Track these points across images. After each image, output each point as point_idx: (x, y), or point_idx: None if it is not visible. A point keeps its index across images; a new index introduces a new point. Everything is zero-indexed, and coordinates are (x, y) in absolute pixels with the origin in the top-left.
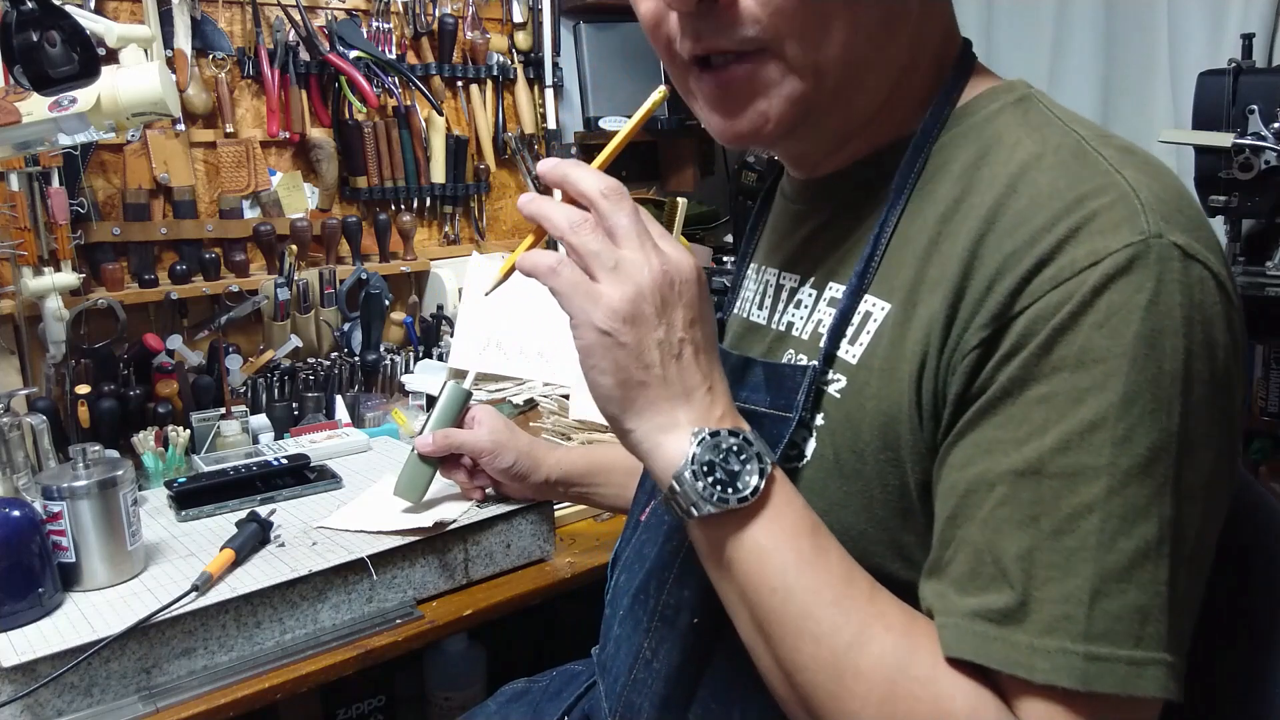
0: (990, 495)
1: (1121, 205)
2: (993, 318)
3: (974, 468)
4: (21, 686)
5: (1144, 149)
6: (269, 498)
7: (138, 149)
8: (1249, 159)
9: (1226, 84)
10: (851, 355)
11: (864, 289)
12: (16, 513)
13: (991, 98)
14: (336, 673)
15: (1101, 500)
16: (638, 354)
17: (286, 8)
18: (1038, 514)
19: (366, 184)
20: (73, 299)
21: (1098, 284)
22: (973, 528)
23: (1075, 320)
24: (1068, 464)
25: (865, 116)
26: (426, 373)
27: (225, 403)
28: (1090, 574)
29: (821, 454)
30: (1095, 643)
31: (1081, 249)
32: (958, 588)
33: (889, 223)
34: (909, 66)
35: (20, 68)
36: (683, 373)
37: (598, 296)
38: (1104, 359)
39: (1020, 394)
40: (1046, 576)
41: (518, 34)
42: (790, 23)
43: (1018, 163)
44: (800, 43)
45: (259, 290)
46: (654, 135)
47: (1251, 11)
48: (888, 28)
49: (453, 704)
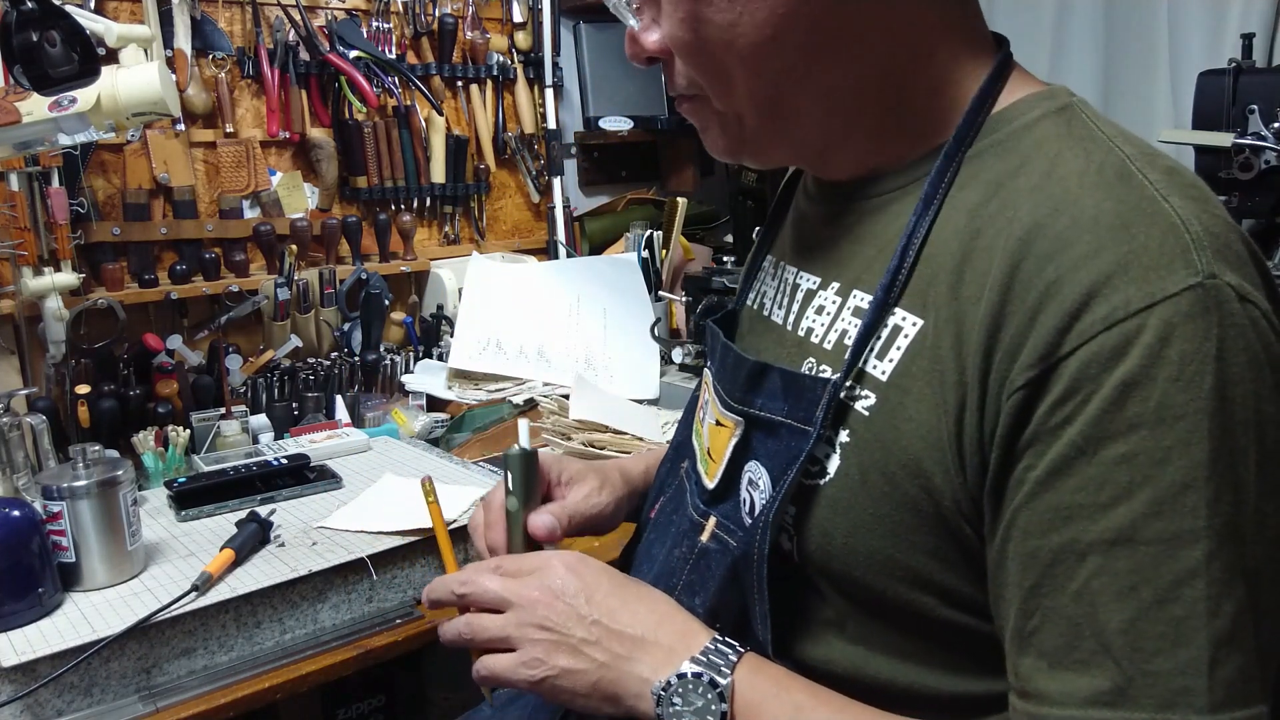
0: (1082, 566)
1: (1171, 238)
2: (1040, 356)
3: (1057, 535)
4: (21, 686)
5: (1189, 170)
6: (269, 498)
7: (138, 149)
8: (1249, 159)
9: (1226, 84)
10: (881, 371)
11: (891, 301)
12: (16, 513)
13: (1031, 105)
14: (336, 673)
15: (1203, 564)
16: (576, 659)
17: (286, 8)
18: (1137, 584)
19: (366, 184)
20: (73, 299)
21: (1163, 331)
22: (1063, 599)
23: (1148, 373)
24: (1163, 529)
25: (828, 139)
26: (426, 373)
27: (225, 403)
28: (1204, 642)
29: (847, 473)
30: (1218, 712)
31: (1134, 288)
32: (1052, 663)
33: (918, 233)
34: (885, 84)
35: (20, 68)
36: (612, 647)
37: (530, 656)
38: (1184, 415)
39: (1096, 453)
40: (1156, 649)
41: (518, 34)
42: (703, 76)
43: (1058, 179)
44: (714, 94)
45: (259, 290)
46: (654, 135)
47: (1251, 11)
48: (799, 69)
49: (453, 704)
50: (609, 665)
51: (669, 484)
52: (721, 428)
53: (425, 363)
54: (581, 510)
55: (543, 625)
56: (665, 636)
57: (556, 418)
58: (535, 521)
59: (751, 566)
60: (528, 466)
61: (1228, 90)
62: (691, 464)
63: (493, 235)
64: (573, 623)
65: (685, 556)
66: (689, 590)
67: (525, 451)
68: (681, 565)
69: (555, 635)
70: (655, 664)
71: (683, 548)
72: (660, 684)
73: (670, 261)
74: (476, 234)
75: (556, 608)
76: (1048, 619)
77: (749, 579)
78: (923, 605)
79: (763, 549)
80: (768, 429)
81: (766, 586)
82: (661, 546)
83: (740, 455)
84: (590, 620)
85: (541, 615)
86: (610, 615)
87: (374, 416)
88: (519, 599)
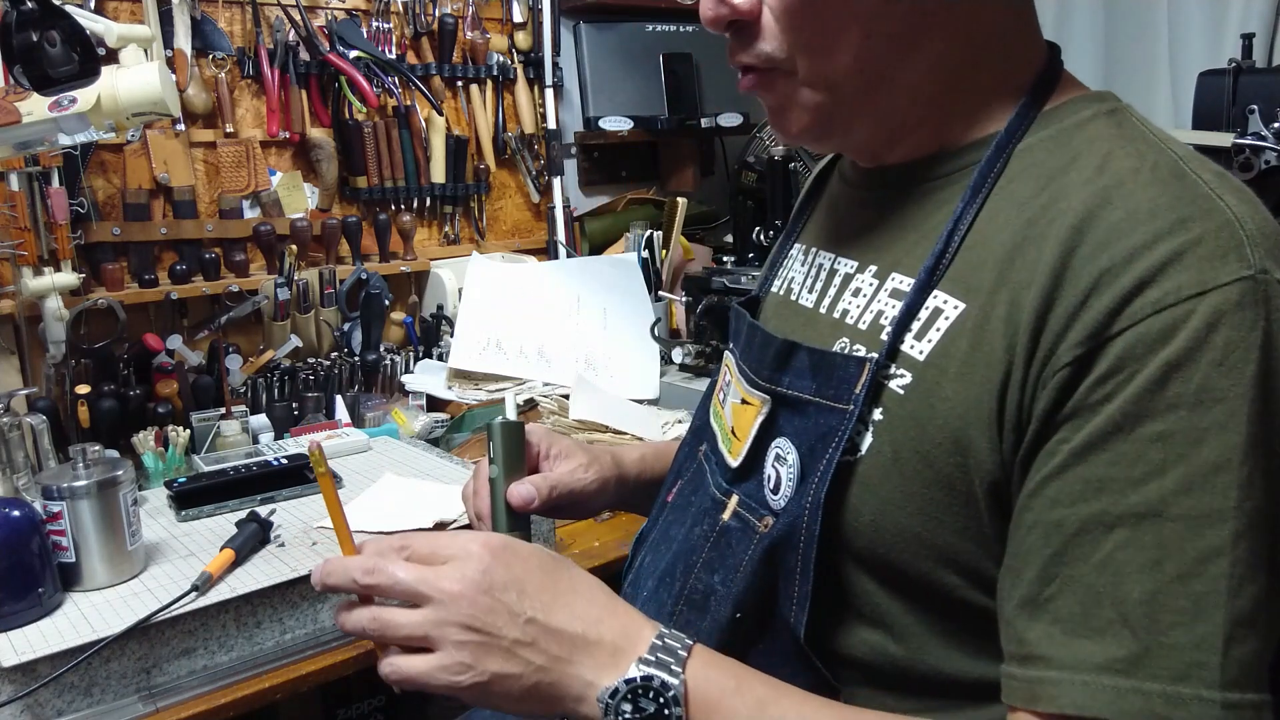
0: (1109, 537)
1: (1226, 233)
2: (1089, 335)
3: (1087, 506)
4: (21, 686)
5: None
6: (269, 498)
7: (138, 149)
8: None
9: (1226, 84)
10: (918, 351)
11: (934, 284)
12: (16, 513)
13: (1082, 104)
14: (336, 673)
15: (1229, 544)
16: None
17: (286, 8)
18: (1161, 558)
19: (366, 184)
20: (73, 299)
21: (1211, 318)
22: (1086, 568)
23: (1191, 356)
24: (1192, 506)
25: (906, 119)
26: (426, 373)
27: (225, 403)
28: (1222, 620)
29: (879, 450)
30: (1230, 690)
31: (1187, 275)
32: (1067, 630)
33: (964, 219)
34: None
35: (20, 68)
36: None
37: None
38: (1224, 399)
39: (1134, 430)
40: (1174, 622)
41: (518, 34)
42: (803, 37)
43: (1112, 174)
44: (811, 57)
45: (259, 290)
46: (654, 135)
47: (1251, 11)
48: (909, 37)
49: (453, 704)
50: (547, 669)
51: (687, 468)
52: (748, 406)
53: (425, 363)
54: (565, 483)
55: (468, 625)
56: (608, 633)
57: (556, 418)
58: (514, 490)
59: (795, 548)
60: (509, 436)
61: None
62: (711, 445)
63: (493, 235)
64: (503, 621)
65: (706, 535)
66: (708, 568)
67: (509, 422)
68: (702, 543)
69: (483, 636)
70: (599, 666)
71: (703, 526)
72: (607, 690)
73: (670, 261)
74: (476, 234)
75: (482, 604)
76: (1067, 586)
77: (791, 560)
78: (948, 586)
79: (812, 528)
80: (795, 407)
81: (813, 568)
82: (681, 527)
83: (766, 433)
84: (524, 619)
85: (466, 613)
86: (546, 611)
87: (374, 416)
88: (437, 593)
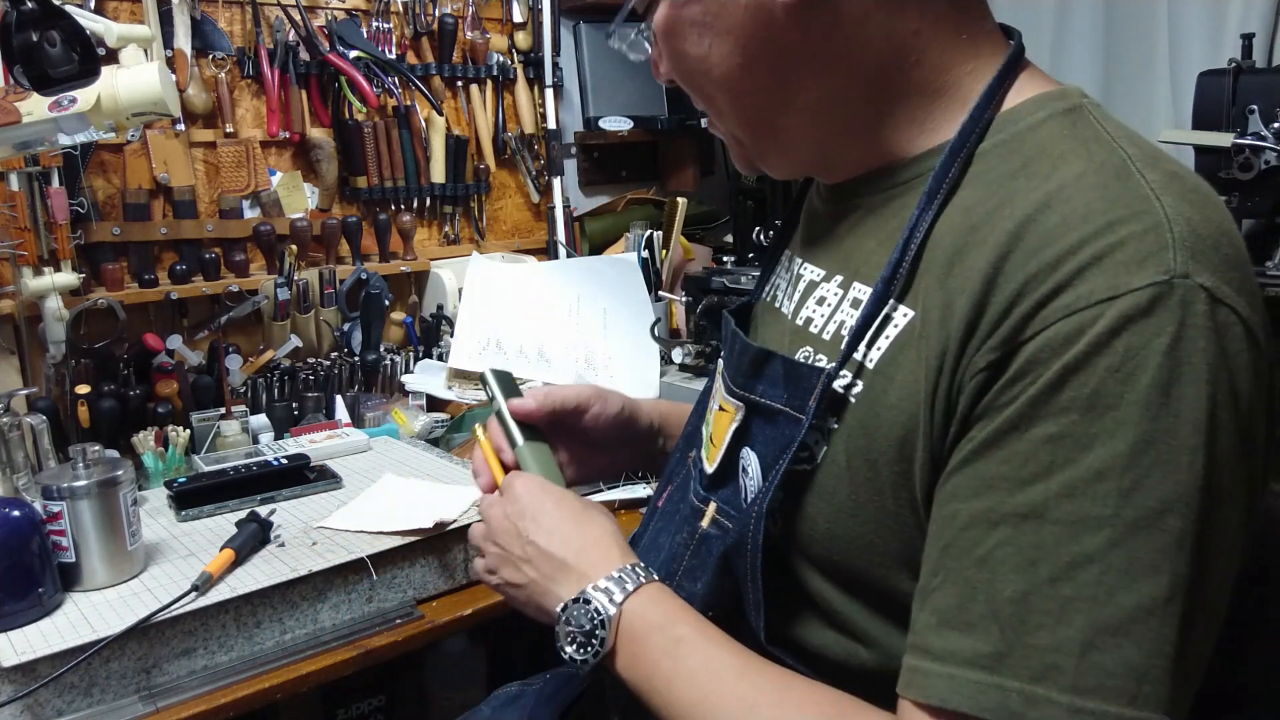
0: (992, 534)
1: (1151, 236)
2: (1004, 340)
3: (977, 502)
4: (21, 686)
5: (1197, 176)
6: (269, 498)
7: (138, 149)
8: (1249, 159)
9: (1226, 84)
10: (869, 360)
11: (889, 293)
12: (16, 513)
13: (1039, 105)
14: (336, 673)
15: (1102, 551)
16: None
17: (286, 8)
18: (1036, 559)
19: (366, 184)
20: (73, 299)
21: (1115, 324)
22: (967, 562)
23: (1089, 360)
24: (1071, 511)
25: (828, 146)
26: (426, 373)
27: (225, 403)
28: (1083, 625)
29: (834, 459)
30: (1083, 696)
31: (1102, 279)
32: (942, 621)
33: (920, 227)
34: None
35: (20, 68)
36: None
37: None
38: (1115, 405)
39: (1027, 430)
40: (1039, 623)
41: (518, 34)
42: (696, 100)
43: (1058, 179)
44: (711, 118)
45: (259, 290)
46: (654, 135)
47: (1251, 11)
48: (778, 91)
49: (453, 704)
50: (537, 583)
51: (677, 473)
52: (724, 413)
53: (425, 363)
54: (559, 392)
55: (495, 541)
56: (583, 562)
57: None
58: (514, 403)
59: (744, 554)
60: (501, 378)
61: (1228, 90)
62: (698, 451)
63: (493, 235)
64: (512, 541)
65: (686, 543)
66: (690, 575)
67: (496, 369)
68: (683, 551)
69: (502, 551)
70: (569, 587)
71: (684, 533)
72: (560, 605)
73: (670, 261)
74: (476, 234)
75: (504, 527)
76: (949, 579)
77: (741, 566)
78: (905, 591)
79: (756, 537)
80: (767, 415)
81: (760, 575)
82: (668, 534)
83: (739, 440)
84: (526, 540)
85: (495, 531)
86: (546, 537)
87: (374, 416)
88: (486, 515)
